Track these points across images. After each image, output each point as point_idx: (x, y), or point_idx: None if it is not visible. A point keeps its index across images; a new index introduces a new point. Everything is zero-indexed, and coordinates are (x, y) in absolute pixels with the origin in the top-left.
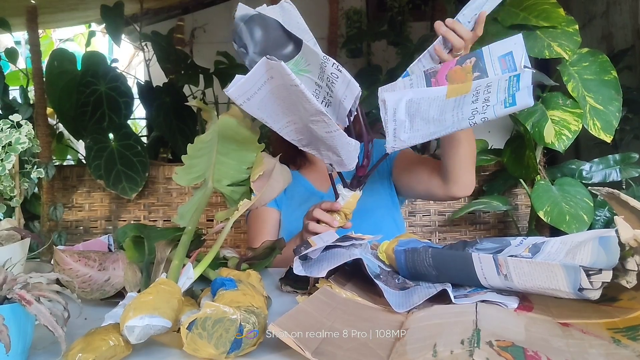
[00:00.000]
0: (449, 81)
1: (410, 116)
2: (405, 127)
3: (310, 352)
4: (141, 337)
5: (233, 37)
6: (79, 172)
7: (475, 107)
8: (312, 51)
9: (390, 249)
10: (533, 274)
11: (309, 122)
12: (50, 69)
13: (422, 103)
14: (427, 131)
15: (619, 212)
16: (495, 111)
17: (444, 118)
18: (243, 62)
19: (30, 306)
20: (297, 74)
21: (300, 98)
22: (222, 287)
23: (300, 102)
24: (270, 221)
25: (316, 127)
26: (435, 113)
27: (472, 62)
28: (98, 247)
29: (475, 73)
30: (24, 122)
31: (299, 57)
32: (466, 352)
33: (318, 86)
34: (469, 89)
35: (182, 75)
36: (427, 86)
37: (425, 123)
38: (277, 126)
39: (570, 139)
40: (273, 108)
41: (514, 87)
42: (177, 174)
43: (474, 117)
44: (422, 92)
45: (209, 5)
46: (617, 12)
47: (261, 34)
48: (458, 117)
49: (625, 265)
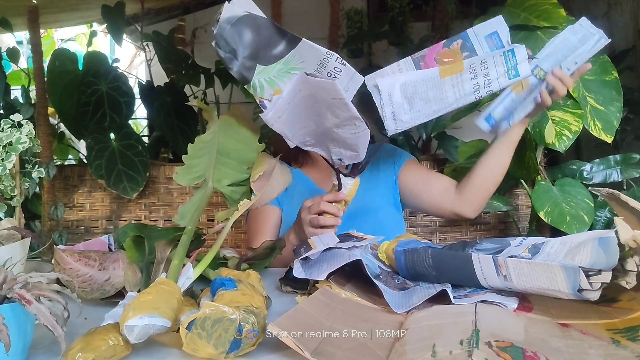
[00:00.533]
0: (438, 63)
1: (407, 98)
2: (405, 108)
3: (309, 352)
4: (141, 337)
5: (217, 41)
6: (80, 172)
7: (477, 82)
8: (311, 47)
9: (390, 249)
10: (532, 275)
11: (335, 126)
12: (51, 68)
13: (418, 85)
14: (429, 110)
15: (619, 212)
16: (500, 83)
17: (445, 96)
18: (228, 68)
19: (30, 306)
20: (287, 72)
21: (335, 107)
22: (222, 287)
23: (331, 110)
24: (271, 219)
25: (341, 130)
26: (434, 93)
27: (459, 43)
28: (98, 246)
29: (464, 53)
30: (25, 122)
31: (291, 55)
32: (465, 353)
33: None
34: (462, 67)
35: (183, 75)
36: (416, 69)
37: (426, 103)
38: (292, 134)
39: (570, 140)
40: (294, 119)
41: (511, 61)
42: (177, 173)
43: (479, 91)
44: (415, 75)
45: (210, 5)
46: (618, 13)
47: (251, 35)
48: (460, 94)
49: (625, 266)
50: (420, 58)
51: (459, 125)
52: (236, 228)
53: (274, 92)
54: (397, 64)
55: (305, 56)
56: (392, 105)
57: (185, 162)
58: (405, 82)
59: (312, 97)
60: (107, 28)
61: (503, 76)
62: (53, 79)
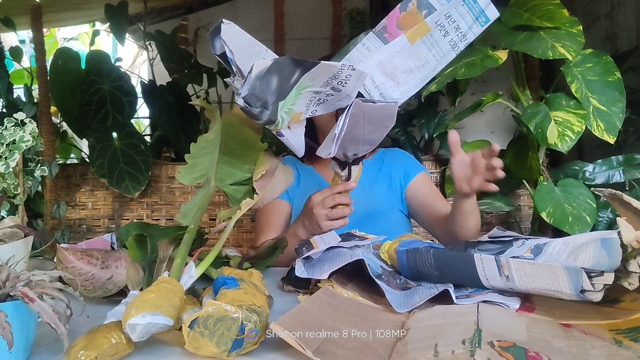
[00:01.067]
0: (401, 28)
1: (389, 75)
2: (391, 86)
3: (311, 351)
4: (143, 335)
5: (247, 101)
6: (82, 171)
7: (452, 38)
8: (327, 66)
9: (392, 249)
10: (535, 275)
11: (368, 133)
12: (54, 67)
13: (395, 59)
14: (417, 79)
15: (622, 213)
16: (474, 32)
17: (426, 61)
18: (257, 120)
19: (33, 303)
20: (299, 94)
21: (380, 121)
22: (224, 286)
23: (373, 123)
24: (280, 213)
25: (372, 135)
26: (413, 62)
27: (414, 3)
28: (101, 245)
29: (423, 11)
30: (28, 121)
31: (304, 78)
32: (467, 352)
33: (316, 93)
34: (428, 27)
35: (186, 74)
36: (383, 43)
37: (410, 74)
38: None
39: (573, 140)
40: None
41: (475, 7)
42: (180, 172)
43: (457, 46)
44: (386, 50)
45: (213, 4)
46: (621, 13)
47: (277, 80)
48: (440, 54)
49: (628, 267)
50: (382, 30)
51: (461, 125)
52: (238, 227)
53: (292, 119)
54: (362, 44)
55: (317, 73)
56: (378, 87)
57: (187, 161)
58: (380, 60)
59: (355, 115)
60: (110, 27)
61: (474, 25)
62: (56, 78)
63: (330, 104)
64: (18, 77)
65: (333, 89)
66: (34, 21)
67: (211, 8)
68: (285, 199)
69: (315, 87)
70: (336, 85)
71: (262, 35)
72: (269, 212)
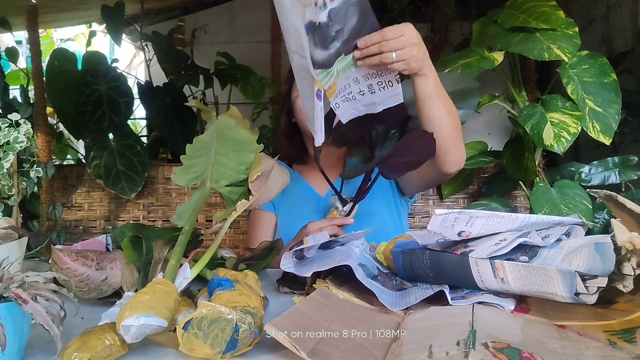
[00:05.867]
0: None
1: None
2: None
3: (306, 352)
4: (137, 337)
5: (333, 16)
6: (78, 172)
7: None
8: None
9: (387, 250)
10: (529, 278)
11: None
12: (50, 68)
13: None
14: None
15: (617, 214)
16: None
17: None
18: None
19: (26, 305)
20: (347, 68)
21: None
22: (219, 287)
23: None
24: (267, 225)
25: None
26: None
27: None
28: (96, 246)
29: None
30: (23, 121)
31: None
32: (462, 354)
33: (354, 81)
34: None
35: (183, 75)
36: None
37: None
38: None
39: (569, 141)
40: None
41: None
42: (175, 174)
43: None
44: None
45: (210, 6)
46: (617, 15)
47: (357, 20)
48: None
49: (622, 269)
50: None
51: None
52: (234, 228)
53: (329, 89)
54: None
55: None
56: None
57: (183, 162)
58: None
59: None
60: (107, 28)
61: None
62: (52, 79)
63: (352, 105)
64: (14, 78)
65: (369, 87)
66: (30, 22)
67: (208, 9)
68: (270, 210)
69: (360, 73)
70: (375, 84)
71: (259, 36)
72: (255, 224)
